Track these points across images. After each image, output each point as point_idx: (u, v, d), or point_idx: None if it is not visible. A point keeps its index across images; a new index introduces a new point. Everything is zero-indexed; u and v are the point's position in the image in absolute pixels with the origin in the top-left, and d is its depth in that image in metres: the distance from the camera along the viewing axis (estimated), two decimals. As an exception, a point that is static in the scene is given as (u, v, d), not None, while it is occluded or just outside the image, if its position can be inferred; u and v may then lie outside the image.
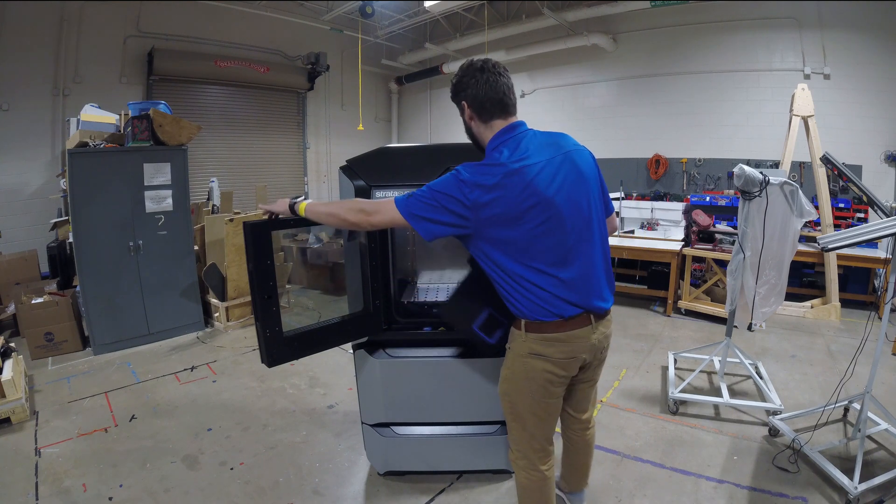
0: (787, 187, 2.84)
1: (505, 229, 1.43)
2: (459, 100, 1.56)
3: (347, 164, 2.06)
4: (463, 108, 1.56)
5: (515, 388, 1.62)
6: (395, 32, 8.91)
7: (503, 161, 1.43)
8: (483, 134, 1.55)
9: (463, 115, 1.58)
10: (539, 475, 1.68)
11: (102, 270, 4.04)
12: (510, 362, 1.63)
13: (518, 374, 1.59)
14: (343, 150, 8.98)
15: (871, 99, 5.61)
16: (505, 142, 1.49)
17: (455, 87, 1.57)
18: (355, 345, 2.22)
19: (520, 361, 1.58)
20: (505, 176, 1.40)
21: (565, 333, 1.51)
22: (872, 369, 2.34)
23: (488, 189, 1.40)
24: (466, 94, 1.53)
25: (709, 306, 4.90)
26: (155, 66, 6.76)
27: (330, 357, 4.08)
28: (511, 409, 1.67)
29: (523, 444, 1.68)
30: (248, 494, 2.32)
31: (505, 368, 1.66)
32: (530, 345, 1.53)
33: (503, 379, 1.67)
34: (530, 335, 1.53)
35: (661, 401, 3.20)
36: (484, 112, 1.52)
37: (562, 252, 1.46)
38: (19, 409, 2.95)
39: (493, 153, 1.49)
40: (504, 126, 1.52)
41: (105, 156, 4.00)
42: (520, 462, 1.70)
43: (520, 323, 1.54)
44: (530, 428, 1.65)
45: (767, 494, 2.26)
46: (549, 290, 1.47)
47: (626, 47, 7.29)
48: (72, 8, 6.11)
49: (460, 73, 1.55)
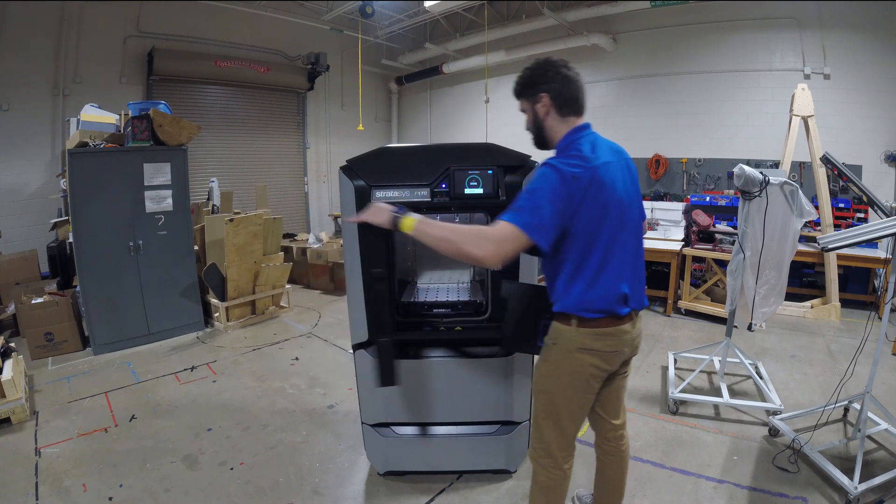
0: (787, 187, 2.85)
1: (587, 223, 1.45)
2: (537, 91, 1.55)
3: (347, 164, 2.06)
4: (538, 99, 1.55)
5: (557, 384, 1.61)
6: (395, 32, 8.91)
7: (588, 156, 1.45)
8: (555, 128, 1.57)
9: (534, 106, 1.57)
10: (561, 474, 1.69)
11: (102, 270, 4.04)
12: (554, 358, 1.60)
13: (563, 370, 1.59)
14: (343, 150, 8.98)
15: (871, 99, 5.60)
16: (581, 139, 1.52)
17: (532, 78, 1.56)
18: (355, 345, 2.22)
19: (566, 357, 1.57)
20: (595, 171, 1.44)
21: (614, 328, 1.55)
22: (872, 369, 2.34)
23: (583, 183, 1.42)
24: (550, 88, 1.53)
25: (709, 306, 4.90)
26: (155, 66, 6.76)
27: (330, 357, 4.09)
28: (547, 406, 1.65)
29: (552, 442, 1.67)
30: (248, 494, 2.32)
31: (546, 364, 1.63)
32: (581, 339, 1.53)
33: (542, 375, 1.65)
34: (582, 330, 1.53)
35: (661, 401, 3.20)
36: (564, 107, 1.55)
37: (624, 250, 1.52)
38: (19, 409, 2.95)
39: (573, 147, 1.50)
40: (578, 124, 1.56)
41: (105, 156, 4.00)
42: (543, 461, 1.69)
43: (570, 318, 1.54)
44: (563, 424, 1.65)
45: (767, 494, 2.26)
46: (612, 285, 1.51)
47: (626, 47, 7.29)
48: (72, 8, 6.10)
49: (542, 67, 1.55)
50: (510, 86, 1.64)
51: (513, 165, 2.01)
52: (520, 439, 2.35)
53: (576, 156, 1.45)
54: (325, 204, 9.57)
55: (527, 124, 1.65)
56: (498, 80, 8.54)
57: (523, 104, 1.63)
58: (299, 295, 5.98)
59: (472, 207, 2.09)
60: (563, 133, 1.56)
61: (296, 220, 9.00)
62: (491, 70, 8.21)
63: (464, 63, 8.69)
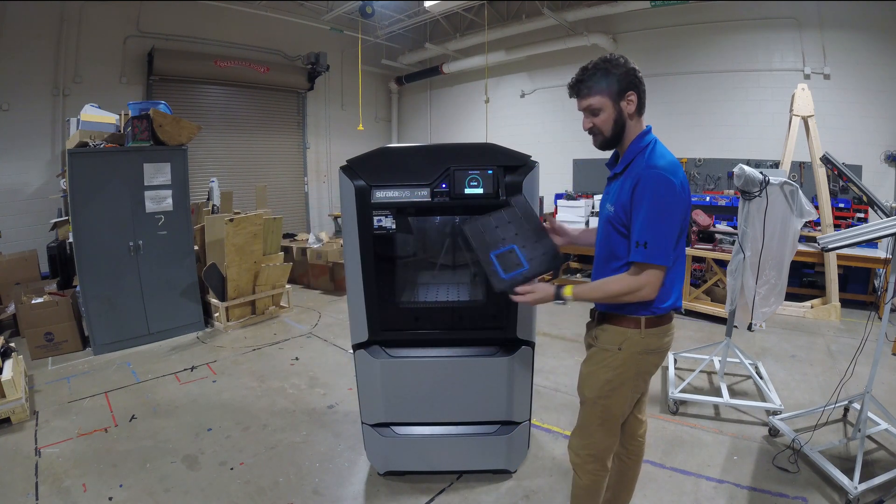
0: (787, 187, 2.85)
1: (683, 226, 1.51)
2: (628, 89, 1.51)
3: (348, 164, 2.06)
4: (625, 98, 1.52)
5: (621, 389, 1.60)
6: (395, 32, 8.91)
7: (675, 160, 1.52)
8: (633, 128, 1.57)
9: (618, 103, 1.52)
10: (605, 472, 1.71)
11: (102, 270, 4.04)
12: (620, 363, 1.57)
13: (629, 374, 1.58)
14: (343, 150, 8.98)
15: (871, 99, 5.60)
16: (655, 140, 1.56)
17: (622, 76, 1.50)
18: (355, 345, 2.22)
19: (633, 360, 1.57)
20: (682, 173, 1.50)
21: (671, 323, 1.61)
22: (872, 369, 2.34)
23: (685, 188, 1.50)
24: (639, 88, 1.53)
25: (709, 306, 4.90)
26: (155, 66, 6.76)
27: (330, 357, 4.09)
28: (604, 413, 1.62)
29: (603, 447, 1.65)
30: (248, 494, 2.32)
31: (610, 370, 1.58)
32: (648, 340, 1.55)
33: (607, 381, 1.59)
34: (649, 330, 1.55)
35: (661, 401, 3.20)
36: (642, 108, 1.57)
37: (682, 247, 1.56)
38: (19, 409, 2.95)
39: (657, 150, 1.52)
40: (644, 124, 1.59)
41: (105, 156, 4.00)
42: (589, 466, 1.67)
43: (638, 321, 1.54)
44: (616, 428, 1.66)
45: (767, 494, 2.26)
46: (679, 283, 1.58)
47: (626, 47, 7.28)
48: (72, 8, 6.11)
49: (626, 66, 1.51)
50: (510, 86, 1.65)
51: (513, 165, 2.01)
52: (520, 439, 2.35)
53: (673, 162, 1.49)
54: (325, 204, 9.57)
55: (592, 123, 1.57)
56: (498, 80, 8.54)
57: (599, 101, 1.53)
58: (299, 295, 5.98)
59: (473, 207, 2.09)
60: (637, 132, 1.56)
61: (296, 220, 9.00)
62: (491, 70, 8.21)
63: (464, 63, 8.69)
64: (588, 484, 1.69)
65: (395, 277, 2.17)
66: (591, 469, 1.67)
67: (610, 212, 1.57)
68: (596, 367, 1.63)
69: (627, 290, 1.47)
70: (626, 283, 1.48)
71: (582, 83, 1.54)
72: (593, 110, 1.55)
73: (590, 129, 1.59)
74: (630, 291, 1.47)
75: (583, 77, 1.54)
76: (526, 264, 1.63)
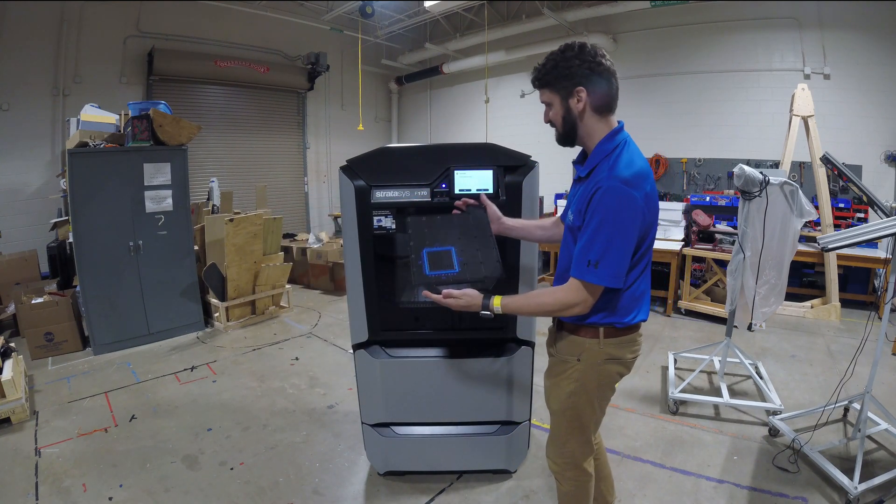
0: (787, 187, 2.84)
1: (648, 239, 1.42)
2: (573, 84, 1.37)
3: (347, 163, 2.06)
4: (573, 94, 1.38)
5: (585, 400, 1.56)
6: (395, 32, 8.91)
7: (645, 169, 1.37)
8: (593, 129, 1.42)
9: (567, 101, 1.40)
10: (588, 476, 1.67)
11: (102, 270, 4.04)
12: (580, 375, 1.53)
13: (590, 385, 1.54)
14: (343, 150, 8.97)
15: (871, 99, 5.60)
16: (625, 142, 1.41)
17: (566, 68, 1.37)
18: (355, 345, 2.22)
19: (593, 370, 1.52)
20: (651, 181, 1.38)
21: (635, 333, 1.54)
22: (872, 369, 2.34)
23: (650, 201, 1.37)
24: (589, 81, 1.36)
25: (709, 306, 4.90)
26: (155, 66, 6.76)
27: (330, 357, 4.09)
28: (574, 421, 1.59)
29: (578, 454, 1.63)
30: (248, 494, 2.32)
31: (571, 382, 1.54)
32: (607, 350, 1.49)
33: (570, 394, 1.55)
34: (608, 340, 1.49)
35: (661, 401, 3.20)
36: (603, 106, 1.40)
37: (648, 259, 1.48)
38: (19, 409, 2.95)
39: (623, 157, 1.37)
40: (615, 122, 1.44)
41: (105, 156, 4.00)
42: (568, 473, 1.65)
43: (596, 330, 1.48)
44: (588, 435, 1.63)
45: (767, 494, 2.26)
46: (646, 297, 1.51)
47: (626, 47, 7.29)
48: (72, 8, 6.10)
49: (578, 55, 1.36)
50: (510, 86, 1.62)
51: (513, 165, 2.01)
52: (519, 439, 2.35)
53: (640, 171, 1.35)
54: (325, 204, 9.57)
55: (549, 118, 1.48)
56: (498, 80, 8.52)
57: (549, 96, 1.43)
58: (299, 295, 5.98)
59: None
60: (601, 134, 1.41)
61: (296, 220, 9.00)
62: (491, 70, 8.21)
63: (464, 63, 8.69)
64: (571, 490, 1.68)
65: (395, 277, 2.17)
66: (572, 476, 1.66)
67: (570, 220, 1.49)
68: (557, 378, 1.60)
69: (560, 307, 1.39)
70: (558, 298, 1.39)
71: (536, 73, 1.44)
72: (547, 104, 1.46)
73: (548, 122, 1.50)
74: (563, 308, 1.38)
75: (538, 67, 1.44)
76: (457, 267, 1.58)
